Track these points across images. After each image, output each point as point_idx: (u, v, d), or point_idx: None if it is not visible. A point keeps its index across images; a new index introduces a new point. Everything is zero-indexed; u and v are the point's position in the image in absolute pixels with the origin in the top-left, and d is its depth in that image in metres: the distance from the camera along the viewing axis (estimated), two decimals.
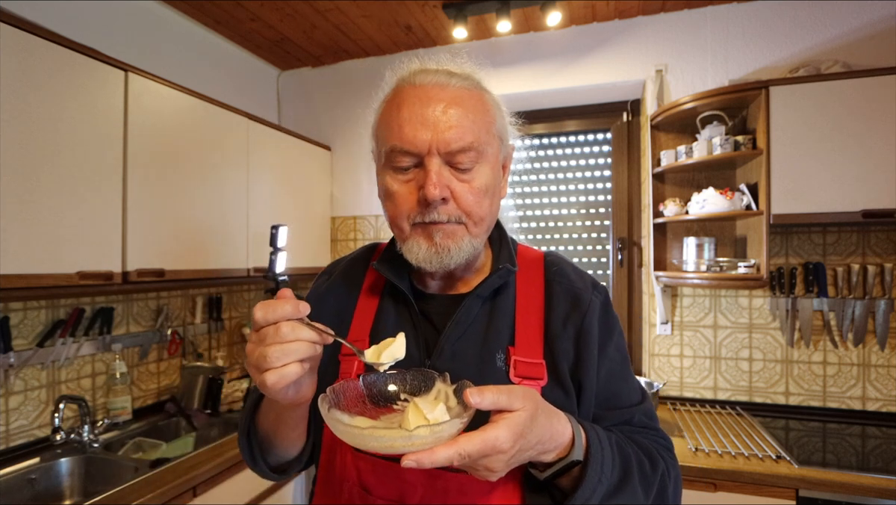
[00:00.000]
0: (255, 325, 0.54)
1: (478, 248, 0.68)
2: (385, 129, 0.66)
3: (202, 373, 2.01)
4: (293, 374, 0.52)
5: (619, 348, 0.72)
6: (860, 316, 1.86)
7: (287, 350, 0.52)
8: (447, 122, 0.62)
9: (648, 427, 0.71)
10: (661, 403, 2.07)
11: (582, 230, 2.45)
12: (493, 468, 0.50)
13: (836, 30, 1.94)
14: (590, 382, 0.67)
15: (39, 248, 1.29)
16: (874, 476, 1.41)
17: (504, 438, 0.49)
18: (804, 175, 1.67)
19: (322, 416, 0.53)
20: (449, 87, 0.65)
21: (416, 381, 0.63)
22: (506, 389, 0.51)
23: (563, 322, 0.69)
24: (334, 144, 2.68)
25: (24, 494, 1.43)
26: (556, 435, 0.55)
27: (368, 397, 0.63)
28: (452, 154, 0.63)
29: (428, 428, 0.48)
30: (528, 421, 0.51)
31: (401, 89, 0.67)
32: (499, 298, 0.71)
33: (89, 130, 1.42)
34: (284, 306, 0.53)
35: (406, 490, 0.62)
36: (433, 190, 0.61)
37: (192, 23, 2.20)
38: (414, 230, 0.65)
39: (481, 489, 0.62)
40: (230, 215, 1.95)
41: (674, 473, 0.68)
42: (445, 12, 2.08)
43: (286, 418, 0.65)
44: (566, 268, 0.75)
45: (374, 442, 0.48)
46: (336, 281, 0.80)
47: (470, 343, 0.68)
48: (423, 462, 0.46)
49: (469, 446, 0.47)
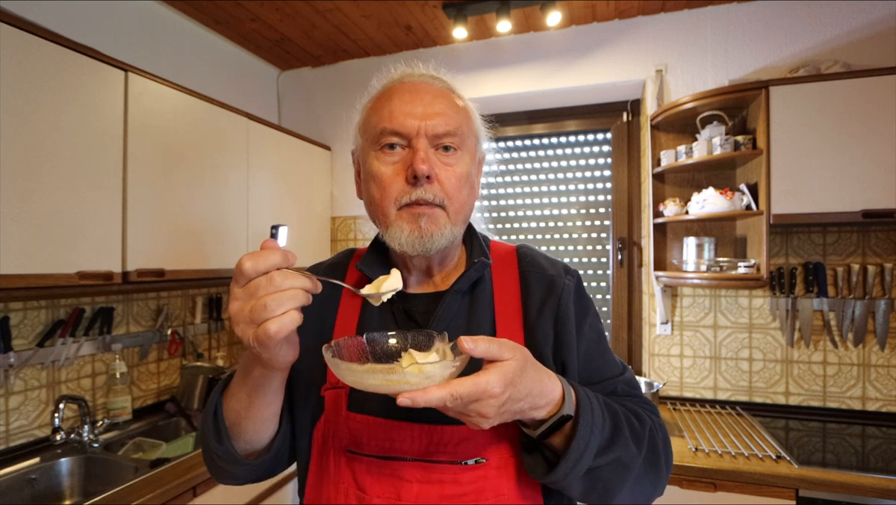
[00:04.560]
0: (242, 277, 0.52)
1: (457, 236, 0.72)
2: (375, 117, 0.70)
3: (202, 373, 2.01)
4: (293, 322, 0.52)
5: (594, 327, 0.75)
6: (860, 316, 1.86)
7: (284, 297, 0.51)
8: (434, 110, 0.68)
9: (631, 395, 0.74)
10: (661, 403, 2.07)
11: (582, 230, 2.45)
12: (484, 413, 0.52)
13: (836, 30, 1.94)
14: (572, 361, 0.70)
15: (39, 248, 1.29)
16: (874, 476, 1.41)
17: (494, 382, 0.51)
18: (804, 175, 1.67)
19: (325, 361, 0.55)
20: (434, 84, 0.72)
21: (416, 339, 0.66)
22: (496, 341, 0.54)
23: (541, 307, 0.72)
24: (334, 144, 2.68)
25: (24, 494, 1.43)
26: (546, 391, 0.57)
27: (371, 354, 0.65)
28: (439, 136, 0.67)
29: (422, 365, 0.51)
30: (518, 370, 0.54)
31: (390, 86, 0.72)
32: (477, 292, 0.74)
33: (89, 130, 1.42)
34: (274, 255, 0.53)
35: (402, 488, 0.63)
36: (421, 165, 0.65)
37: (192, 23, 2.20)
38: (399, 215, 0.68)
39: (476, 479, 0.63)
40: (230, 215, 1.95)
41: (661, 433, 0.69)
42: (445, 12, 2.08)
43: (264, 391, 0.63)
44: (538, 257, 0.79)
45: (371, 379, 0.51)
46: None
47: (453, 337, 0.70)
48: (418, 400, 0.49)
49: (461, 388, 0.50)
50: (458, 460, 0.63)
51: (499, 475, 0.64)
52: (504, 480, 0.64)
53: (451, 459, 0.63)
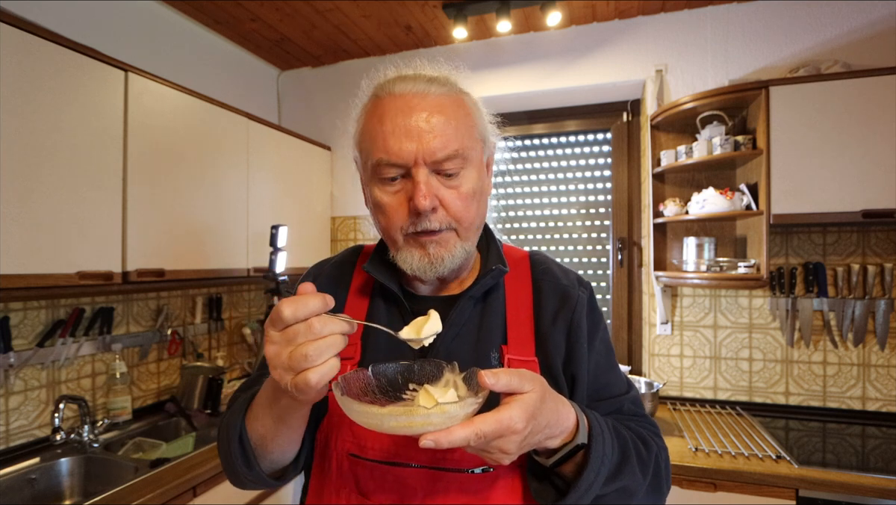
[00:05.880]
0: (279, 323, 0.50)
1: (469, 252, 0.69)
2: (369, 142, 0.65)
3: (202, 373, 2.01)
4: (333, 370, 0.50)
5: (605, 341, 0.75)
6: (860, 316, 1.86)
7: (323, 346, 0.50)
8: (431, 131, 0.62)
9: (637, 414, 0.73)
10: (661, 403, 2.07)
11: (582, 230, 2.45)
12: (506, 450, 0.51)
13: (836, 30, 1.94)
14: (582, 375, 0.69)
15: (39, 248, 1.29)
16: (874, 476, 1.41)
17: (518, 417, 0.50)
18: (804, 175, 1.66)
19: (336, 400, 0.53)
20: (429, 96, 0.65)
21: (424, 370, 0.63)
22: (517, 373, 0.52)
23: (554, 319, 0.70)
24: (334, 144, 2.68)
25: (24, 494, 1.43)
26: (562, 419, 0.56)
27: (377, 387, 0.62)
28: (439, 162, 0.63)
29: (447, 405, 0.48)
30: (539, 402, 0.52)
31: (380, 99, 0.66)
32: (490, 298, 0.72)
33: (89, 130, 1.42)
34: (314, 301, 0.51)
35: (406, 495, 0.62)
36: (423, 200, 0.61)
37: (192, 23, 2.20)
38: (406, 241, 0.66)
39: (482, 488, 0.61)
40: (230, 215, 1.95)
41: (664, 456, 0.70)
42: (445, 12, 2.08)
43: (291, 418, 0.62)
44: (552, 266, 0.77)
45: (393, 422, 0.48)
46: (322, 283, 0.79)
47: (464, 343, 0.69)
48: (441, 442, 0.47)
49: (485, 427, 0.48)
50: (465, 469, 0.62)
51: (506, 485, 0.63)
52: (511, 490, 0.63)
53: (457, 467, 0.62)
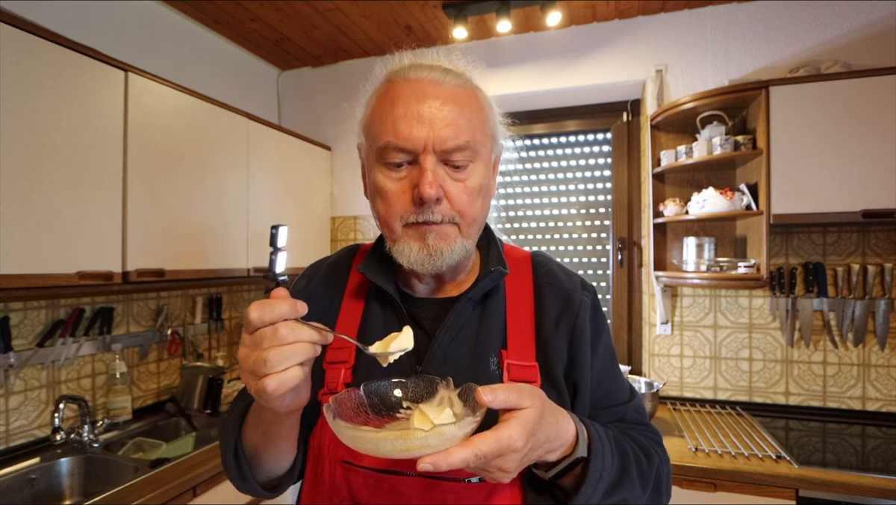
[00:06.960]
0: (248, 326, 0.50)
1: (469, 249, 0.67)
2: (378, 125, 0.63)
3: (202, 373, 2.01)
4: (295, 378, 0.49)
5: (608, 347, 0.73)
6: (860, 316, 1.86)
7: (288, 353, 0.48)
8: (443, 119, 0.60)
9: (640, 423, 0.72)
10: (661, 403, 2.07)
11: (582, 230, 2.45)
12: (506, 468, 0.50)
13: (836, 30, 1.94)
14: (584, 382, 0.67)
15: (39, 248, 1.29)
16: (874, 476, 1.41)
17: (517, 435, 0.48)
18: (804, 175, 1.66)
19: (328, 424, 0.50)
20: (444, 85, 0.63)
21: (418, 387, 0.61)
22: (515, 388, 0.51)
23: (556, 323, 0.68)
24: (334, 144, 2.68)
25: (24, 494, 1.43)
26: (561, 433, 0.55)
27: (370, 406, 0.60)
28: (448, 152, 0.61)
29: (444, 427, 0.47)
30: (538, 418, 0.51)
31: (394, 83, 0.64)
32: (489, 301, 0.70)
33: (89, 130, 1.42)
34: (282, 306, 0.49)
35: (400, 502, 0.61)
36: (428, 189, 0.59)
37: (192, 23, 2.20)
38: (405, 231, 0.63)
39: (479, 498, 0.60)
40: (230, 215, 1.95)
41: (666, 468, 0.69)
42: (445, 12, 2.08)
43: (277, 429, 0.61)
44: (554, 268, 0.74)
45: (389, 446, 0.46)
46: (317, 284, 0.77)
47: (462, 347, 0.67)
48: (440, 464, 0.45)
49: (484, 447, 0.47)
50: (462, 478, 0.60)
51: (503, 495, 0.61)
52: (508, 501, 0.61)
53: (454, 477, 0.60)
